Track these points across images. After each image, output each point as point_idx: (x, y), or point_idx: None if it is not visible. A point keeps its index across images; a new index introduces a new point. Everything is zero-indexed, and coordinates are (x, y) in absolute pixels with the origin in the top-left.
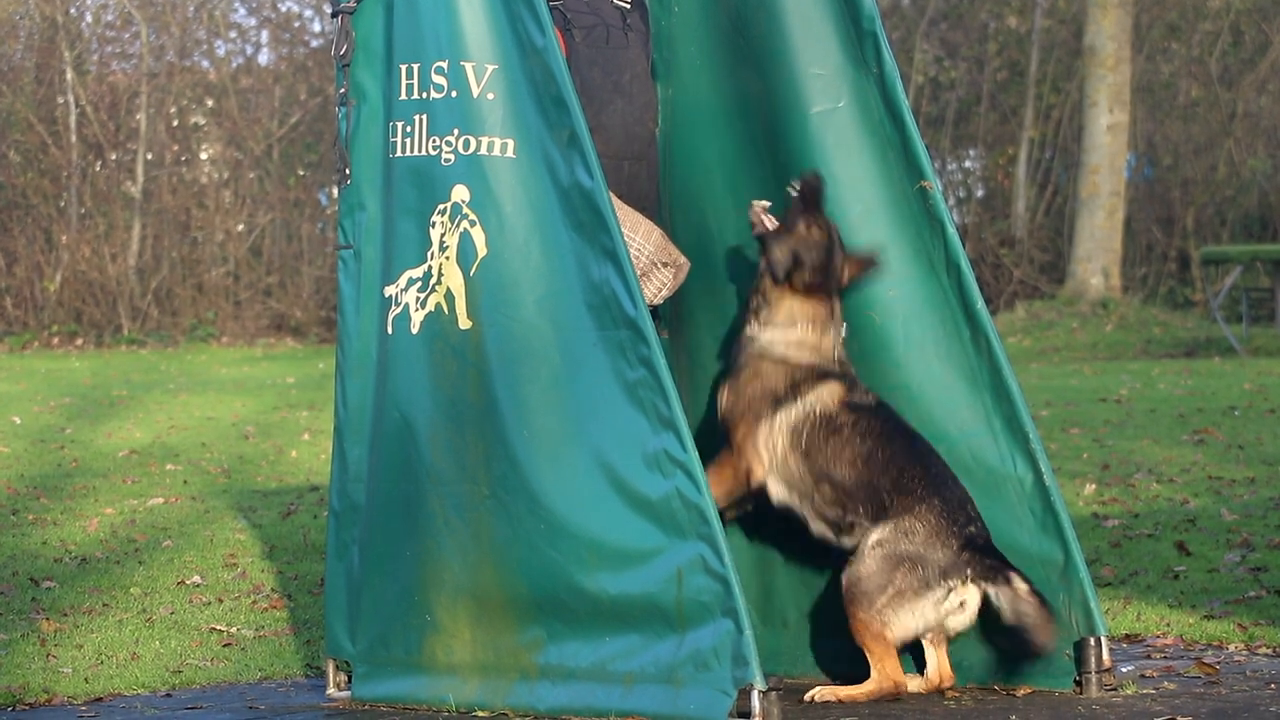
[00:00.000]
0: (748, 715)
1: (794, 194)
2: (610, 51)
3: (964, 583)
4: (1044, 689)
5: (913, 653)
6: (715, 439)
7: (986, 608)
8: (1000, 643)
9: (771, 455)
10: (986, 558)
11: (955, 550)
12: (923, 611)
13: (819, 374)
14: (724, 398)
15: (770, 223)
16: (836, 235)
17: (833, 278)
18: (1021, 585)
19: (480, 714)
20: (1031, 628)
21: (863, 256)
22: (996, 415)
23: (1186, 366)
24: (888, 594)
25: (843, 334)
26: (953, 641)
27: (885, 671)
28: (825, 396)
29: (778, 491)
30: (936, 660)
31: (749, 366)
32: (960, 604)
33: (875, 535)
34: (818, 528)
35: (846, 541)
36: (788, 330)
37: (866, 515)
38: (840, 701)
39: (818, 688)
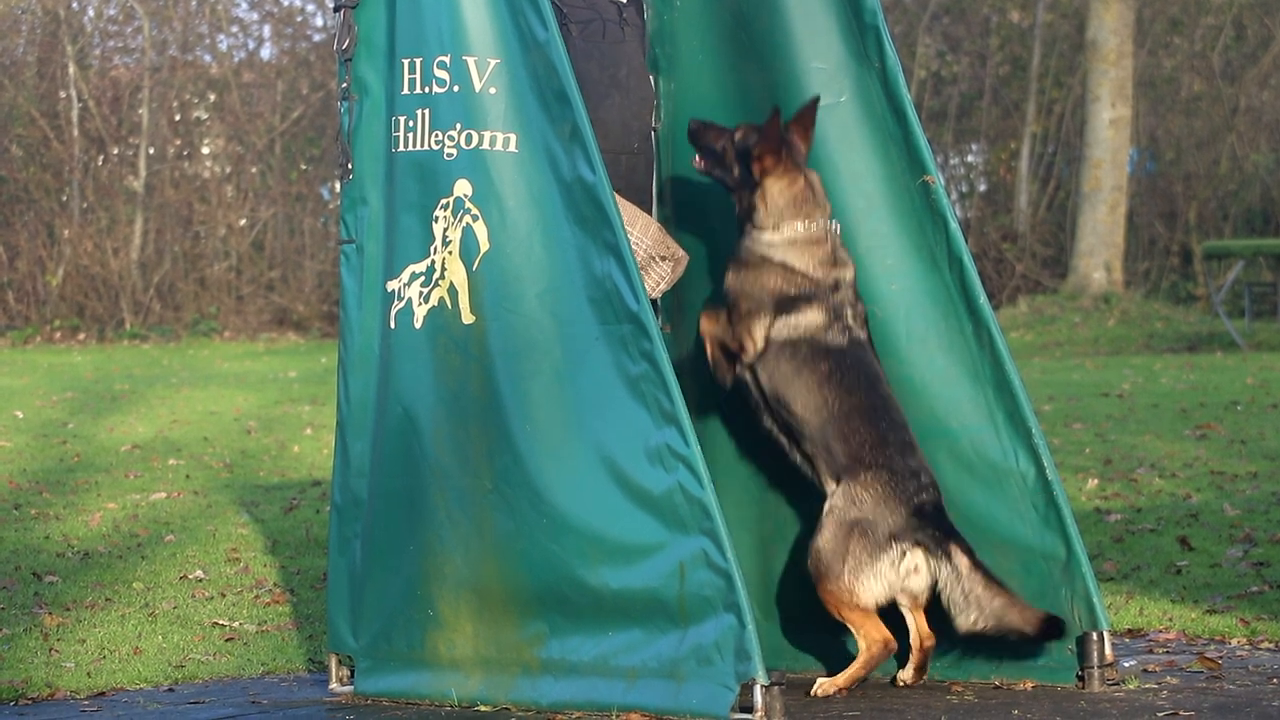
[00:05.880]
0: (750, 710)
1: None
2: (607, 46)
3: (913, 546)
4: (1046, 683)
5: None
6: (717, 436)
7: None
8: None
9: (758, 348)
10: (931, 525)
11: (904, 516)
12: (883, 573)
13: (808, 295)
14: (730, 276)
15: (701, 164)
16: (751, 125)
17: (790, 150)
18: (963, 561)
19: (483, 708)
20: (971, 608)
21: (800, 112)
22: (999, 410)
23: (1189, 361)
24: (848, 563)
25: (836, 226)
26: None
27: (871, 636)
28: (804, 323)
29: (751, 383)
30: (915, 625)
31: (755, 260)
32: (914, 568)
33: (827, 504)
34: (768, 423)
35: (798, 460)
36: (783, 228)
37: (821, 458)
38: (842, 689)
39: (819, 681)
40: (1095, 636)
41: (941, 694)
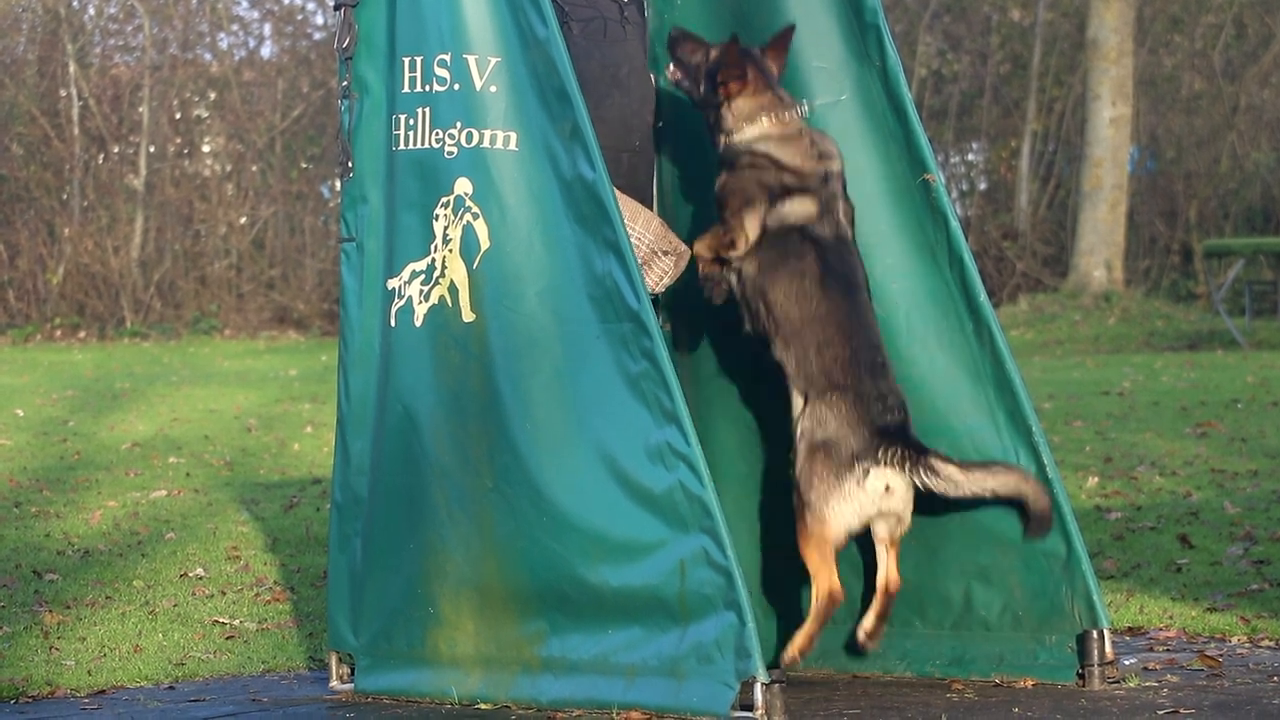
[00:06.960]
0: (750, 708)
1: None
2: (608, 44)
3: (878, 465)
4: (1047, 681)
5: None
6: (718, 434)
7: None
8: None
9: (750, 240)
10: (899, 444)
11: (866, 436)
12: (849, 494)
13: (797, 187)
14: (719, 180)
15: (673, 73)
16: (731, 44)
17: (760, 71)
18: (950, 468)
19: (483, 706)
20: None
21: (775, 37)
22: (999, 408)
23: (1189, 359)
24: (816, 488)
25: (805, 111)
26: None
27: (820, 585)
28: (796, 211)
29: (735, 284)
30: (886, 565)
31: (743, 159)
32: (885, 488)
33: (797, 427)
34: (752, 326)
35: (777, 357)
36: (755, 126)
37: (792, 365)
38: (805, 650)
39: (784, 654)
40: (1095, 634)
41: (942, 691)
